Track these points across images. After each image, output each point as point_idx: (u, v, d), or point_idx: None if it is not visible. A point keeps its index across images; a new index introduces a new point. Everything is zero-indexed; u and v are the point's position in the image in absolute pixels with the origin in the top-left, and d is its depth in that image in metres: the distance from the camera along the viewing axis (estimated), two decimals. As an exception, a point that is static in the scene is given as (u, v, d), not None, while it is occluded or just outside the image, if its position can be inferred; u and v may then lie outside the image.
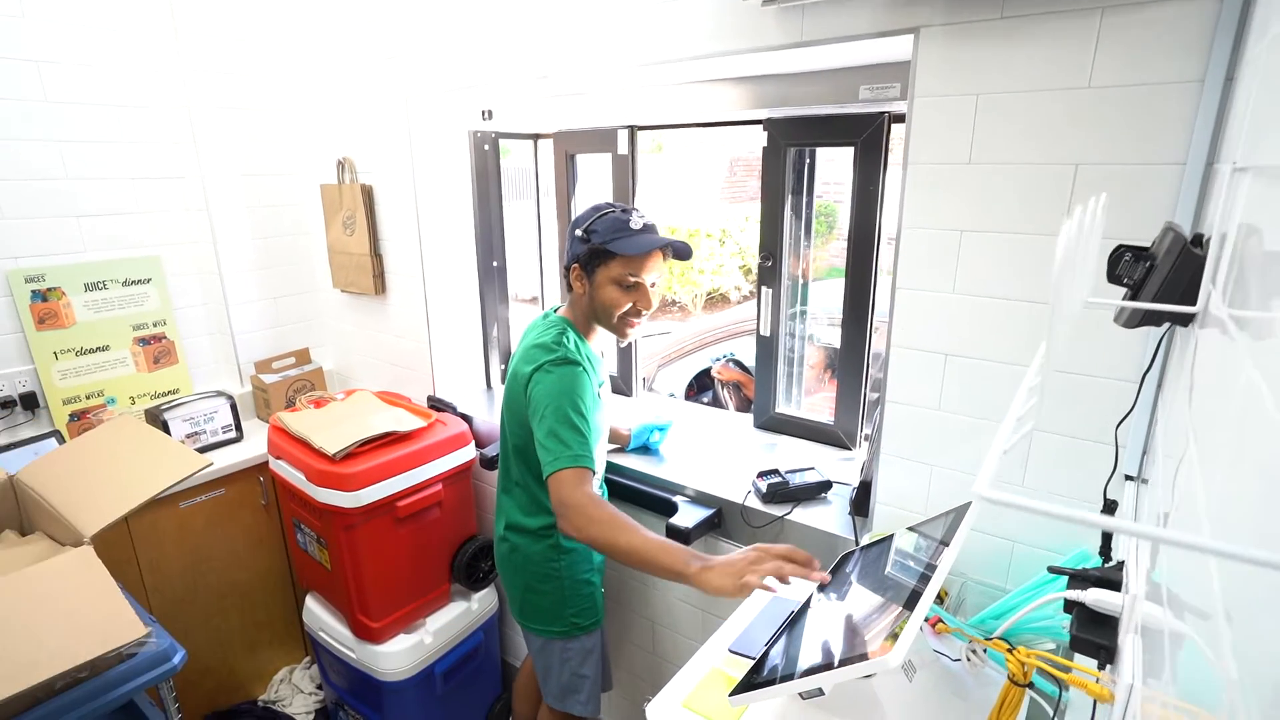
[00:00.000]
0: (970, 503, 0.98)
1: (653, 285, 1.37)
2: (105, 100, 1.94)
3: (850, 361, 1.67)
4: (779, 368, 1.82)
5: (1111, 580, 0.79)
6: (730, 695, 0.85)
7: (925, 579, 0.83)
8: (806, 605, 1.05)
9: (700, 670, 1.02)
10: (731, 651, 1.02)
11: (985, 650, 0.89)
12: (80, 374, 1.98)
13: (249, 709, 2.10)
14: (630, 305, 1.35)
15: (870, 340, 1.66)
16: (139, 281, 2.08)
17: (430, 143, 2.00)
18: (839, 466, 1.62)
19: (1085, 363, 1.04)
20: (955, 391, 1.18)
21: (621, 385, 2.16)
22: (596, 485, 1.43)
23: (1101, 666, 0.75)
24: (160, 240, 2.11)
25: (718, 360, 3.38)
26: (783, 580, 1.01)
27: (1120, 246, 0.74)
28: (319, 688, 2.20)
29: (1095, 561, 1.02)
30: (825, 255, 3.38)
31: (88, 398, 2.00)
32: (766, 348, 1.82)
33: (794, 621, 1.01)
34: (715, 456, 1.75)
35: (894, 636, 0.74)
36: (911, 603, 0.82)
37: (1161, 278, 0.69)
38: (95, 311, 2.00)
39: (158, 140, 2.05)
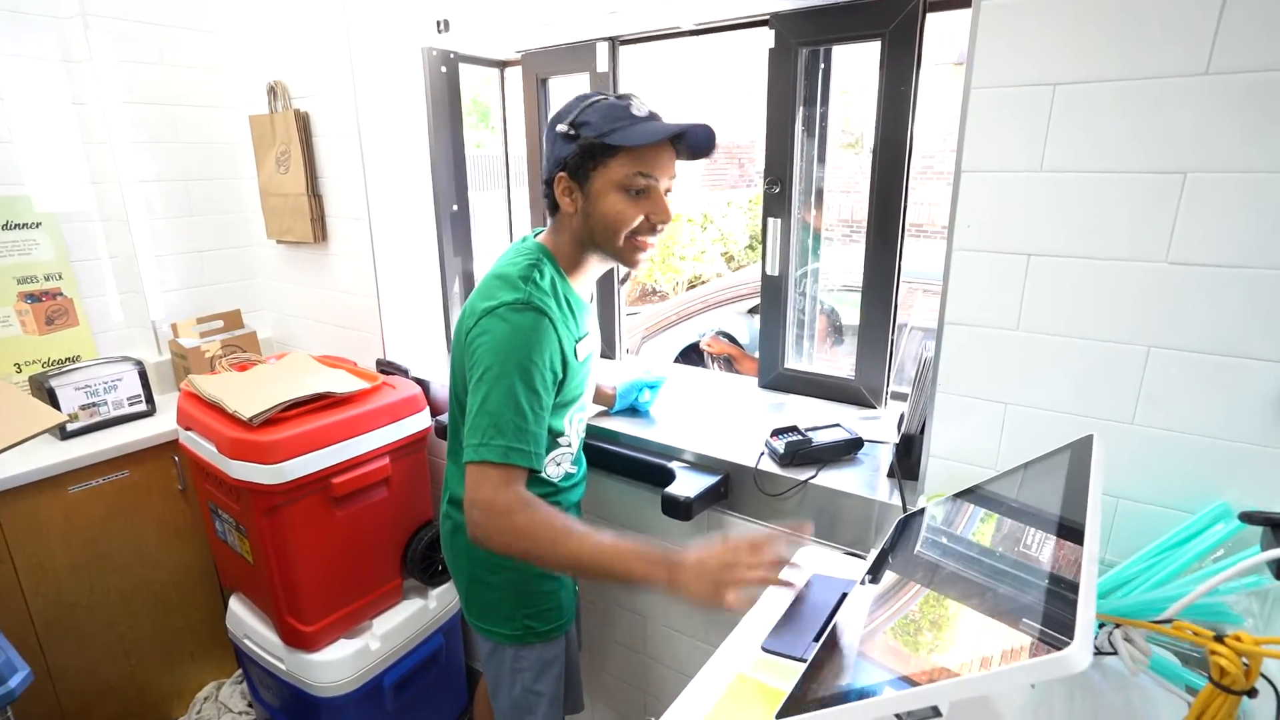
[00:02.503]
0: (1091, 435, 0.71)
1: (668, 191, 1.04)
2: (-25, 2, 1.61)
3: (875, 301, 1.40)
4: (788, 314, 1.55)
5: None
6: (778, 718, 0.57)
7: (1068, 533, 0.56)
8: (873, 574, 0.77)
9: (721, 679, 0.73)
10: (766, 651, 0.74)
11: (1145, 637, 0.62)
12: (-50, 335, 1.65)
13: (164, 733, 1.78)
14: (642, 218, 1.02)
15: (899, 275, 1.39)
16: (24, 226, 1.74)
17: (375, 59, 1.69)
18: (866, 425, 1.34)
19: (1226, 250, 0.78)
20: (1040, 304, 0.90)
21: (604, 348, 1.87)
22: (570, 445, 1.14)
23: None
24: (53, 178, 1.77)
25: (704, 335, 3.12)
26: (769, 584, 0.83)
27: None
28: (250, 705, 1.88)
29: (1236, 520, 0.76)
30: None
31: (-40, 363, 1.66)
32: (773, 290, 1.54)
33: (843, 609, 0.73)
34: (716, 418, 1.47)
35: (1046, 628, 0.46)
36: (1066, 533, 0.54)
37: None
38: (-32, 259, 1.66)
39: (44, 56, 1.72)
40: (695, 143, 1.02)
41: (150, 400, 1.79)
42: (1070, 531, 0.56)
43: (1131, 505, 0.90)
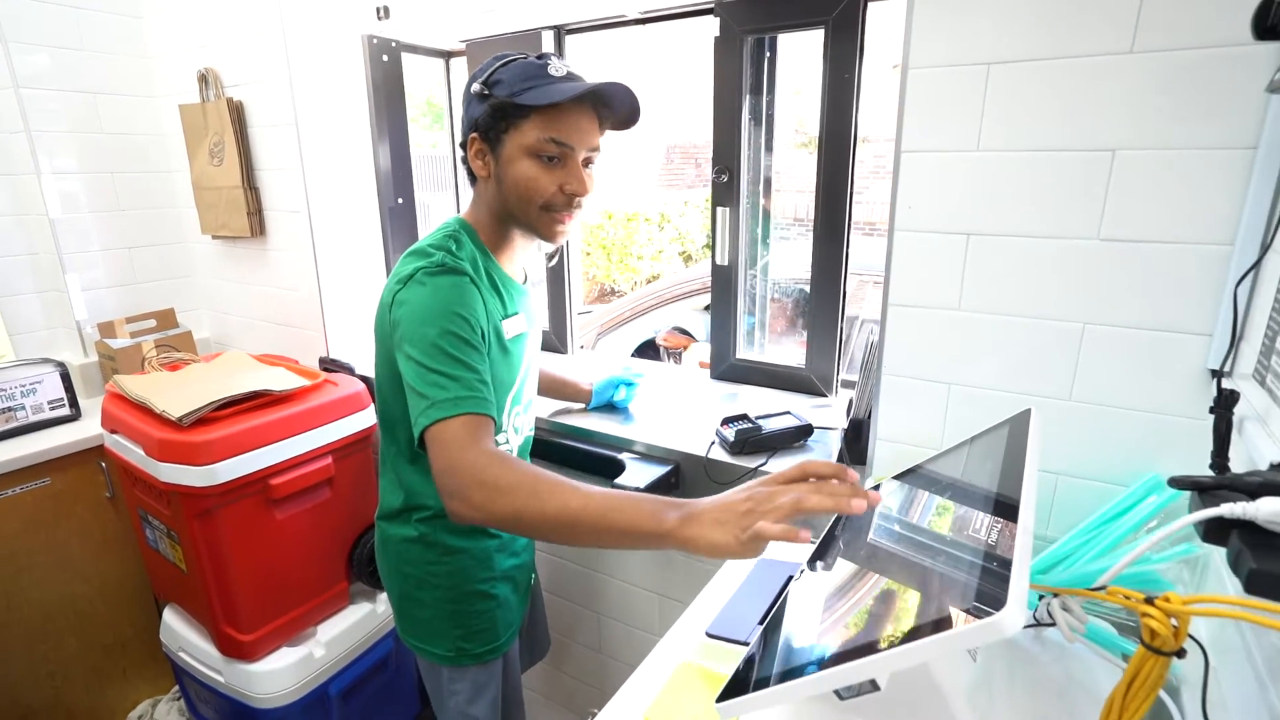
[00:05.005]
0: (1029, 410, 0.72)
1: (587, 162, 0.98)
2: None
3: (824, 291, 1.41)
4: (739, 304, 1.54)
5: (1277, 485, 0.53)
6: (718, 702, 0.55)
7: (1004, 509, 0.56)
8: (803, 570, 0.76)
9: (665, 666, 0.71)
10: (710, 636, 0.72)
11: (1081, 604, 0.62)
12: None
13: (94, 755, 1.68)
14: (555, 187, 0.94)
15: (847, 265, 1.40)
16: (-69, 219, 1.63)
17: (313, 47, 1.63)
18: (816, 413, 1.34)
19: (1155, 226, 0.79)
20: (980, 283, 0.91)
21: (555, 342, 1.84)
22: (508, 443, 1.07)
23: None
24: (-38, 169, 1.67)
25: (660, 331, 3.12)
26: (815, 512, 0.61)
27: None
28: (189, 722, 1.79)
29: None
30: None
31: None
32: (724, 280, 1.53)
33: (788, 593, 0.72)
34: (668, 409, 1.46)
35: (982, 596, 0.46)
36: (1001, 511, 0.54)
37: None
38: None
39: (-48, 39, 1.61)
40: (617, 106, 0.95)
41: (75, 404, 1.69)
42: (1007, 507, 0.56)
43: (1070, 481, 0.91)
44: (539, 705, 1.71)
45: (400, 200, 1.86)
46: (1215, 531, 0.54)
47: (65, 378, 1.67)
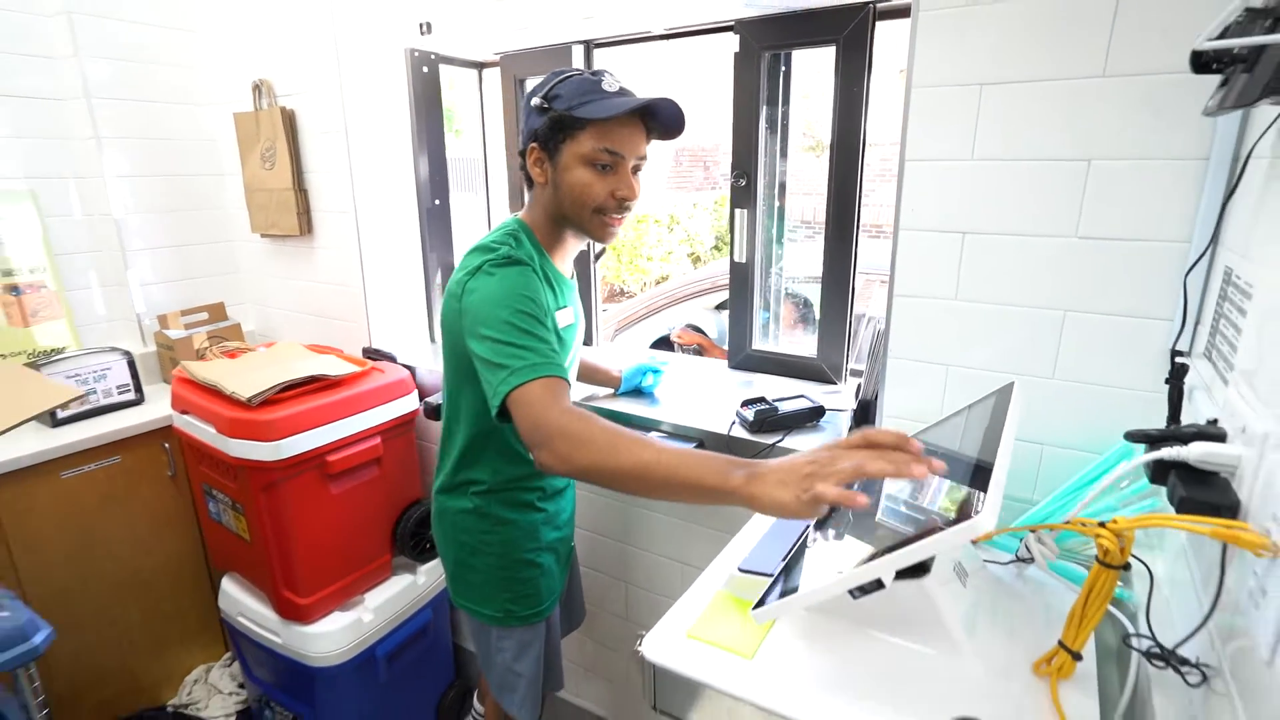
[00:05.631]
0: (1012, 383, 0.84)
1: (636, 169, 1.10)
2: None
3: (835, 286, 1.53)
4: (755, 299, 1.67)
5: (1213, 434, 0.65)
6: (754, 609, 0.67)
7: (989, 448, 0.68)
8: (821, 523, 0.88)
9: (702, 598, 0.84)
10: (742, 571, 0.85)
11: (1053, 538, 0.74)
12: (-64, 326, 1.67)
13: (155, 715, 1.81)
14: (608, 193, 1.05)
15: (855, 262, 1.52)
16: (12, 219, 1.76)
17: (361, 59, 1.77)
18: (827, 397, 1.47)
19: (1125, 226, 0.92)
20: (974, 275, 1.04)
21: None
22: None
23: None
24: (37, 172, 1.81)
25: (674, 328, 3.24)
26: (875, 476, 0.65)
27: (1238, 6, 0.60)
28: (240, 686, 1.92)
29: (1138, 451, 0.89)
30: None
31: (-55, 354, 1.68)
32: (741, 276, 1.66)
33: (809, 540, 0.84)
34: (691, 394, 1.58)
35: (963, 514, 0.58)
36: (977, 481, 0.66)
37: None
38: (-47, 251, 1.69)
39: (31, 52, 1.75)
40: (664, 119, 1.06)
41: (139, 389, 1.83)
42: (992, 447, 0.68)
43: (1054, 451, 1.04)
44: (571, 671, 1.84)
45: (437, 202, 1.99)
46: (1159, 472, 0.66)
47: (131, 365, 1.81)
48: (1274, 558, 0.50)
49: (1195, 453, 0.62)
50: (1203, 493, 0.61)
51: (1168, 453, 0.64)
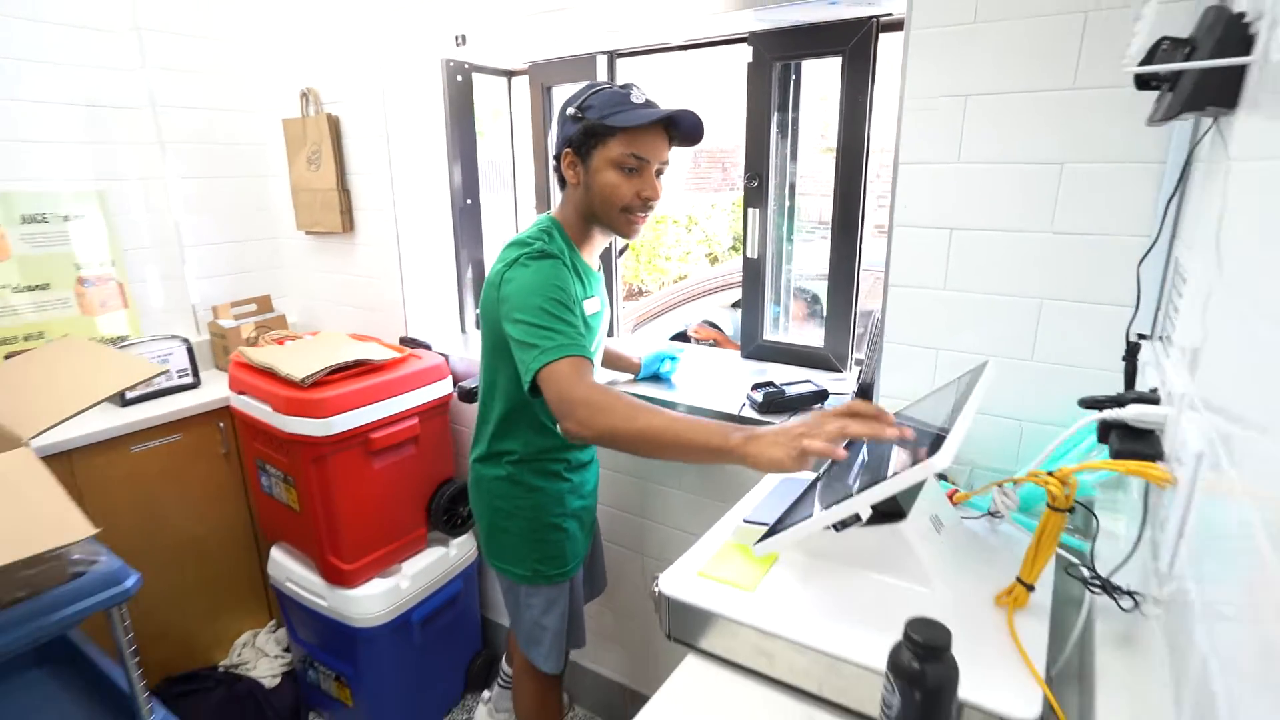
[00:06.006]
0: (986, 362, 0.95)
1: (659, 172, 1.23)
2: (48, 17, 1.80)
3: (840, 280, 1.64)
4: (766, 292, 1.78)
5: (1149, 399, 0.76)
6: (756, 544, 0.79)
7: (959, 409, 0.79)
8: (818, 480, 1.00)
9: (712, 546, 0.96)
10: (747, 521, 0.97)
11: (1015, 488, 0.86)
12: (16, 313, 1.83)
13: (209, 674, 1.96)
14: (634, 193, 1.18)
15: (860, 259, 1.63)
16: (83, 217, 1.93)
17: (401, 69, 1.91)
18: (833, 384, 1.58)
19: (1094, 222, 1.02)
20: (961, 267, 1.14)
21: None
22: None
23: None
24: (107, 174, 1.97)
25: (691, 324, 3.36)
26: (853, 438, 0.81)
27: (1162, 38, 0.71)
28: (286, 650, 2.07)
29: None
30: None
31: (25, 339, 1.85)
32: (753, 271, 1.77)
33: (809, 492, 0.96)
34: (705, 380, 1.70)
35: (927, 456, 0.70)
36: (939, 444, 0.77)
37: (1209, 48, 0.65)
38: (34, 246, 1.86)
39: (105, 65, 1.92)
40: (685, 128, 1.19)
41: (196, 373, 1.98)
42: (960, 408, 0.79)
43: (1033, 426, 1.14)
44: (592, 640, 1.96)
45: (469, 201, 2.13)
46: (1103, 432, 0.77)
47: (190, 351, 1.96)
48: (1174, 487, 0.61)
49: (1131, 413, 0.74)
50: (1135, 445, 0.72)
51: (1108, 414, 0.75)
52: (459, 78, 2.03)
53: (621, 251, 1.94)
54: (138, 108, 1.98)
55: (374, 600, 1.71)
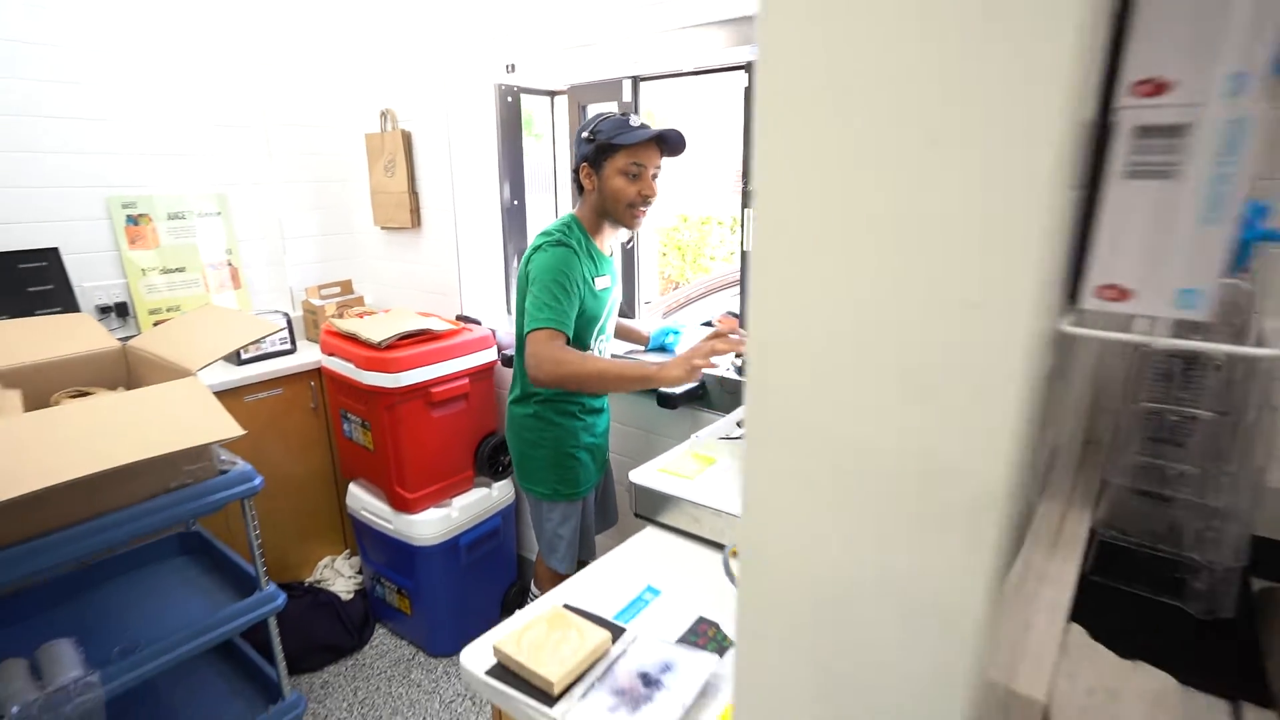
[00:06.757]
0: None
1: (654, 176, 1.59)
2: (189, 58, 2.28)
3: (818, 267, 1.95)
4: (760, 280, 2.10)
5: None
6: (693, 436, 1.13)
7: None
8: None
9: (679, 453, 1.30)
10: (696, 437, 1.31)
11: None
12: (161, 290, 2.32)
13: (298, 586, 2.41)
14: (636, 192, 1.55)
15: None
16: (211, 215, 2.41)
17: (462, 93, 2.31)
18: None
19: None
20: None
21: (625, 309, 2.45)
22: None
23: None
24: (229, 180, 2.44)
25: (715, 315, 3.68)
26: (720, 352, 1.39)
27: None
28: (358, 572, 2.50)
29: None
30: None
31: (167, 310, 2.33)
32: (749, 263, 2.10)
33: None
34: (703, 352, 2.04)
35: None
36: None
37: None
38: (176, 237, 2.34)
39: (229, 92, 2.39)
40: (672, 141, 1.56)
41: (293, 342, 2.43)
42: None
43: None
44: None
45: (516, 202, 2.52)
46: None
47: (289, 324, 2.41)
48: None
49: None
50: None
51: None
52: (509, 99, 2.42)
53: (628, 242, 2.30)
54: (253, 126, 2.45)
55: (430, 524, 2.11)
